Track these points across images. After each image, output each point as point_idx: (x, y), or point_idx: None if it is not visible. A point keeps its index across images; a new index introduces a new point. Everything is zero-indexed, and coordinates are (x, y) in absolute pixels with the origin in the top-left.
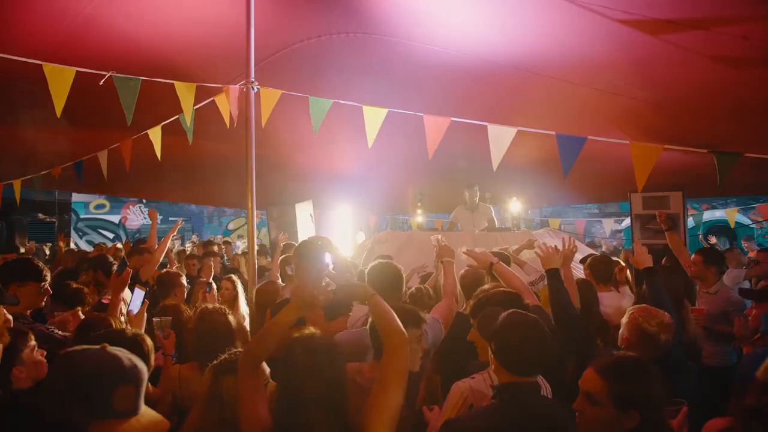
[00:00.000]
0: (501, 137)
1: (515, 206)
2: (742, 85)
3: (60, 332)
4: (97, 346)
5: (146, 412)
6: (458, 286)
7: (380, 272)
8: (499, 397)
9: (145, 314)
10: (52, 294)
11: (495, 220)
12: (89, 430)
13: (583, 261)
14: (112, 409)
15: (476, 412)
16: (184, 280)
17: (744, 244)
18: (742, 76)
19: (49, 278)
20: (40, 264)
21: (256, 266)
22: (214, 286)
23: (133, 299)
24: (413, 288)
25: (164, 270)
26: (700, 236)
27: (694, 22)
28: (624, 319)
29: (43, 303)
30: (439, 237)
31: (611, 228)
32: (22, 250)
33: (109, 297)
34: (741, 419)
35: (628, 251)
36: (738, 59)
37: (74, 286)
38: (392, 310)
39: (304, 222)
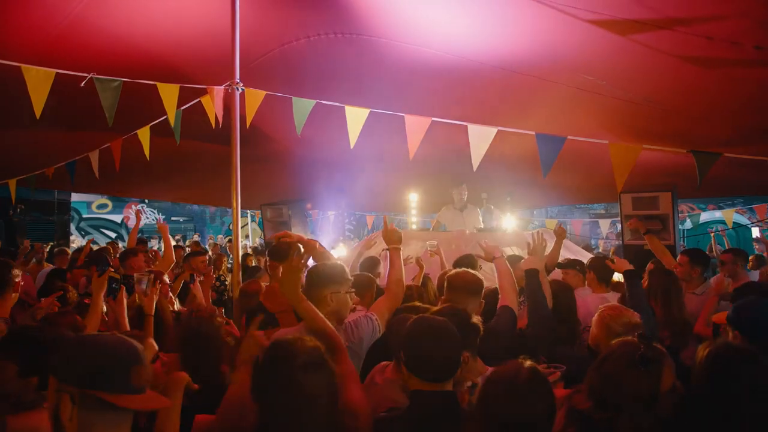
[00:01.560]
0: (482, 137)
1: (508, 207)
2: (711, 84)
3: None
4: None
5: (150, 391)
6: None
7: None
8: (411, 403)
9: (125, 300)
10: (39, 292)
11: (492, 218)
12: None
13: (559, 266)
14: (130, 385)
15: (391, 416)
16: (165, 278)
17: (756, 246)
18: (711, 76)
19: (18, 275)
20: (9, 260)
21: (256, 265)
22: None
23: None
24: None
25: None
26: (721, 229)
27: (657, 22)
28: (594, 318)
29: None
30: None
31: (607, 229)
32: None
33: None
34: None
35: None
36: (705, 59)
37: (60, 284)
38: (320, 314)
39: (299, 222)
